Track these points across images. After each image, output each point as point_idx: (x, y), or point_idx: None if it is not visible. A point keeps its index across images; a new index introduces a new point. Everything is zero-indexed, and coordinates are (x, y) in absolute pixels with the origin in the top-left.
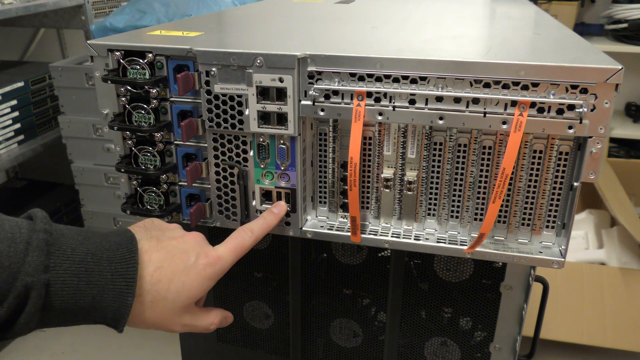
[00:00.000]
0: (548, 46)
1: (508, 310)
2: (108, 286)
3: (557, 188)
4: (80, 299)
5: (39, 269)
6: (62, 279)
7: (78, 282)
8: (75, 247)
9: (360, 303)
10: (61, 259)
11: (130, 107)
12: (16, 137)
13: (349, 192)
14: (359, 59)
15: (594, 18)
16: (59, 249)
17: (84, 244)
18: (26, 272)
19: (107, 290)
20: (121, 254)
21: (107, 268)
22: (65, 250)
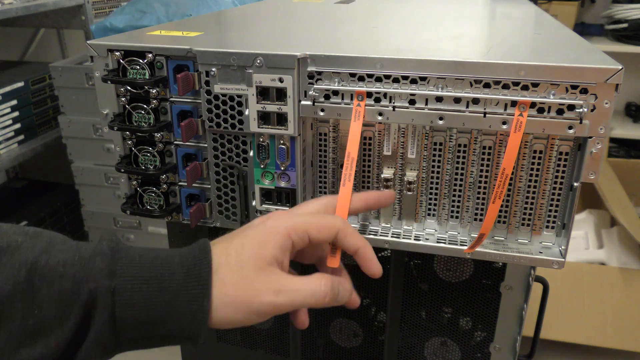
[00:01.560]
0: (548, 46)
1: (508, 310)
2: (181, 291)
3: (557, 188)
4: (152, 308)
5: (103, 273)
6: (129, 285)
7: (148, 288)
8: (143, 253)
9: (360, 303)
10: (128, 265)
11: (130, 107)
12: (16, 137)
13: (341, 187)
14: (359, 59)
15: (594, 18)
16: (126, 255)
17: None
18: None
19: (181, 295)
20: (193, 255)
21: (178, 271)
22: (132, 256)
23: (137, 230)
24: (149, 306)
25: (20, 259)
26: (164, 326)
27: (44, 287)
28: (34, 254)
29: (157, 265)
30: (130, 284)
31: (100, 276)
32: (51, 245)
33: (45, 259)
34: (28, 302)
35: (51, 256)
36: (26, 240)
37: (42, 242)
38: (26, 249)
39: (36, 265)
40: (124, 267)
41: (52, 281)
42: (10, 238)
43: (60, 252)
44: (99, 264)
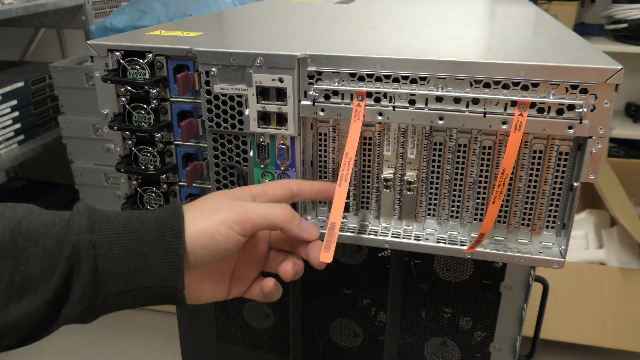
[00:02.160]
0: (548, 46)
1: (508, 310)
2: (157, 242)
3: (557, 188)
4: (131, 259)
5: (83, 229)
6: (109, 239)
7: (126, 241)
8: (118, 213)
9: (360, 303)
10: (105, 222)
11: (130, 107)
12: (16, 137)
13: (336, 187)
14: (359, 59)
15: (594, 18)
16: (102, 214)
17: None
18: (71, 232)
19: (157, 245)
20: (165, 211)
21: (152, 225)
22: (108, 215)
23: None
24: (129, 258)
25: (3, 223)
26: (144, 277)
27: (28, 246)
28: (16, 218)
29: (132, 222)
30: (110, 238)
31: (81, 231)
32: (31, 211)
33: (27, 222)
34: (14, 260)
35: (33, 219)
36: (5, 210)
37: (22, 209)
38: (7, 216)
39: (19, 227)
40: (102, 224)
41: (36, 240)
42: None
43: (41, 216)
44: (79, 221)
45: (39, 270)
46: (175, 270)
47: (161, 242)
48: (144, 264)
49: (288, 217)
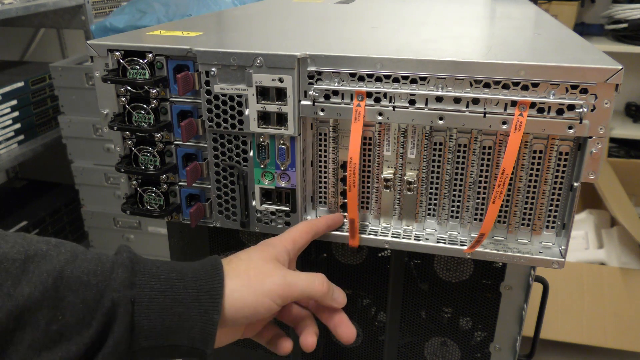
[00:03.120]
0: (548, 46)
1: (508, 310)
2: (194, 303)
3: (557, 188)
4: (166, 317)
5: (125, 284)
6: (148, 296)
7: (164, 299)
8: (160, 265)
9: (360, 303)
10: (146, 277)
11: (130, 107)
12: (16, 137)
13: (348, 193)
14: (358, 59)
15: (594, 18)
16: (144, 267)
17: (168, 263)
18: (112, 288)
19: (193, 307)
20: (205, 270)
21: (192, 285)
22: (150, 268)
23: (137, 230)
24: (164, 316)
25: (47, 267)
26: (176, 336)
27: (69, 295)
28: (60, 263)
29: (172, 278)
30: (148, 295)
31: (122, 287)
32: (74, 255)
33: (70, 269)
34: (53, 308)
35: (76, 266)
36: (50, 249)
37: (66, 251)
38: (51, 257)
39: (62, 274)
40: (142, 279)
41: (77, 289)
42: (36, 246)
43: (84, 262)
44: (121, 275)
45: (76, 320)
46: (207, 334)
47: (197, 304)
48: (178, 324)
49: (325, 291)
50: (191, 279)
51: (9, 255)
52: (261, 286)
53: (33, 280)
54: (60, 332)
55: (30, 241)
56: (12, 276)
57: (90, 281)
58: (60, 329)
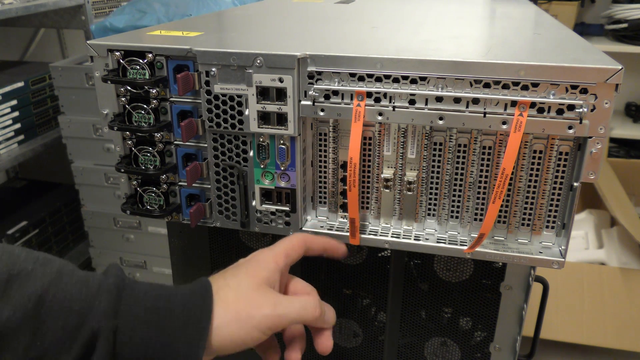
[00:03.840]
0: (548, 46)
1: (508, 310)
2: (179, 337)
3: (557, 188)
4: (149, 347)
5: (108, 313)
6: (131, 325)
7: (148, 329)
8: (148, 290)
9: (360, 303)
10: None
11: (130, 107)
12: (16, 137)
13: (348, 193)
14: (358, 59)
15: (594, 18)
16: (131, 293)
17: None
18: (94, 317)
19: (179, 339)
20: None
21: (178, 315)
22: (137, 294)
23: (137, 230)
24: (147, 346)
25: (29, 290)
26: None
27: (49, 321)
28: (44, 285)
29: (159, 307)
30: (132, 324)
31: (104, 316)
32: (60, 276)
33: (53, 292)
34: (32, 334)
35: (59, 289)
36: (36, 269)
37: (52, 272)
38: (36, 277)
39: (44, 298)
40: (126, 307)
41: (58, 316)
42: (21, 265)
43: (68, 285)
44: (104, 304)
45: (55, 347)
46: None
47: (182, 336)
48: (161, 353)
49: (317, 315)
50: (179, 308)
51: None
52: (250, 320)
53: (13, 303)
54: (39, 357)
55: (16, 258)
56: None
57: (73, 307)
58: (38, 355)
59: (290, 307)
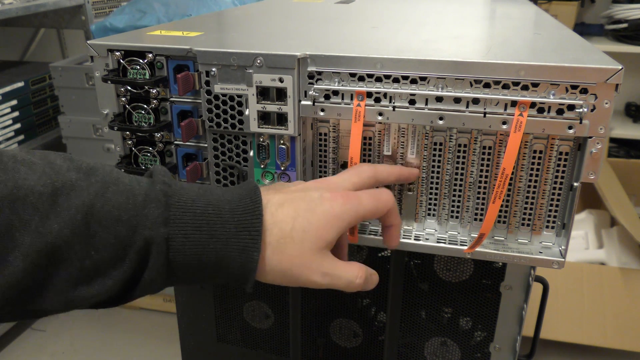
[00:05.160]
0: (548, 46)
1: (508, 310)
2: (232, 240)
3: (557, 188)
4: (203, 254)
5: (158, 221)
6: (183, 232)
7: (200, 235)
8: (196, 198)
9: (360, 303)
10: (181, 211)
11: (130, 107)
12: (16, 137)
13: None
14: (359, 59)
15: (594, 18)
16: (179, 200)
17: (205, 195)
18: (145, 225)
19: (231, 244)
20: (244, 204)
21: (229, 220)
22: (185, 202)
23: None
24: (200, 253)
25: (76, 202)
26: (214, 272)
27: (100, 231)
28: (90, 196)
29: (209, 213)
30: (184, 230)
31: (155, 224)
32: (105, 186)
33: (100, 203)
34: (85, 245)
35: (106, 199)
36: (80, 178)
37: (96, 182)
38: (81, 188)
39: (92, 210)
40: (177, 214)
41: (108, 226)
42: (65, 177)
43: (115, 194)
44: (154, 212)
45: (110, 256)
46: (246, 271)
47: (236, 241)
48: (216, 260)
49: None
50: (229, 214)
51: (35, 189)
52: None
53: (62, 216)
54: (95, 267)
55: (59, 170)
56: (40, 212)
57: (122, 216)
58: (94, 264)
59: (338, 280)
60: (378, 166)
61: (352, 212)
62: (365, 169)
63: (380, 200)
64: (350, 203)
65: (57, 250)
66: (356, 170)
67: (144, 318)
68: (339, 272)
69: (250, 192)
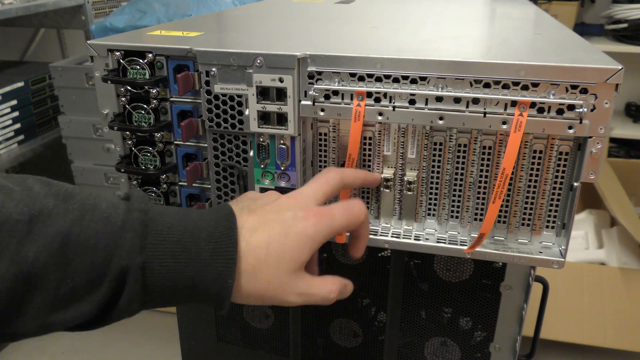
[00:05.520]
0: (548, 46)
1: (508, 310)
2: (207, 267)
3: (557, 188)
4: (179, 281)
5: (134, 249)
6: (158, 260)
7: (175, 263)
8: (172, 225)
9: (360, 303)
10: (157, 239)
11: (130, 107)
12: (16, 137)
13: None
14: (358, 59)
15: (594, 18)
16: (155, 228)
17: (181, 222)
18: (120, 254)
19: (206, 271)
20: (220, 232)
21: (205, 248)
22: (161, 230)
23: None
24: (176, 280)
25: (53, 229)
26: (189, 296)
27: (76, 259)
28: (66, 224)
29: (185, 240)
30: (160, 258)
31: (131, 253)
32: (82, 213)
33: (77, 231)
34: (61, 272)
35: (83, 227)
36: (57, 205)
37: (74, 209)
38: (58, 216)
39: (69, 238)
40: (153, 242)
41: (84, 253)
42: (42, 203)
43: (92, 222)
44: (130, 240)
45: (85, 283)
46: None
47: (211, 269)
48: (191, 286)
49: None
50: (204, 242)
51: (12, 216)
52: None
53: (38, 243)
54: (71, 293)
55: (36, 197)
56: (16, 239)
57: (98, 244)
58: (70, 291)
59: (314, 297)
60: (345, 171)
61: (325, 231)
62: (333, 175)
63: (352, 214)
64: (323, 222)
65: (32, 277)
66: (325, 178)
67: (144, 318)
68: (314, 290)
69: (225, 217)
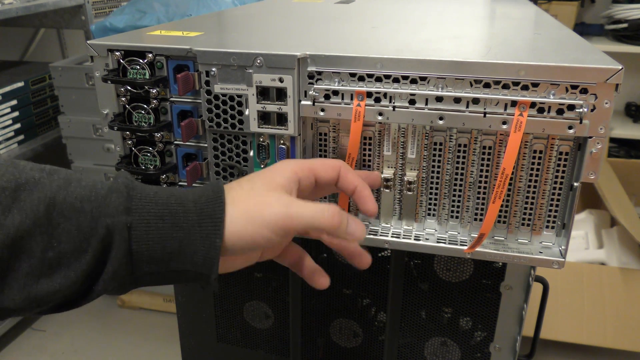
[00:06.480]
0: (548, 46)
1: (508, 310)
2: (194, 228)
3: (557, 188)
4: (166, 243)
5: (119, 209)
6: (145, 220)
7: (163, 224)
8: (158, 190)
9: (360, 303)
10: (143, 202)
11: (130, 107)
12: (16, 137)
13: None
14: (358, 59)
15: (594, 18)
16: (141, 192)
17: (167, 189)
18: (106, 213)
19: (194, 232)
20: (207, 195)
21: (192, 209)
22: (147, 193)
23: None
24: (163, 242)
25: (39, 195)
26: (178, 261)
27: (62, 222)
28: (52, 190)
29: (171, 203)
30: (146, 219)
31: (116, 212)
32: (68, 182)
33: (63, 195)
34: (47, 236)
35: (68, 192)
36: (43, 177)
37: (59, 179)
38: (44, 184)
39: (54, 201)
40: (139, 204)
41: (70, 217)
42: (28, 174)
43: (77, 188)
44: (115, 201)
45: (72, 247)
46: (210, 259)
47: (199, 230)
48: (179, 249)
49: (336, 224)
50: (191, 203)
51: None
52: (260, 217)
53: (24, 209)
54: (57, 259)
55: (22, 169)
56: (2, 205)
57: (84, 207)
58: (56, 256)
59: (305, 209)
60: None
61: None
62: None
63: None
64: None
65: (18, 242)
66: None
67: (144, 318)
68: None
69: (213, 185)
